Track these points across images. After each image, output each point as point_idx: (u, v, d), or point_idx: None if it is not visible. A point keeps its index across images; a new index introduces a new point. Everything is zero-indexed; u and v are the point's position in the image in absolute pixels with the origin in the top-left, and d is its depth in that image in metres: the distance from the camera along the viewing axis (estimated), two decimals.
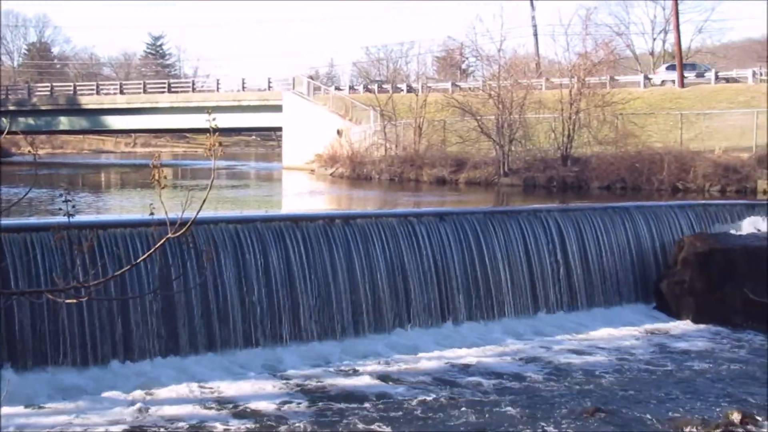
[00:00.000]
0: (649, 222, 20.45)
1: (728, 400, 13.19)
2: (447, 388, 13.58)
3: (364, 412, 12.29)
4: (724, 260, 18.75)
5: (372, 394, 13.16)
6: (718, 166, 29.87)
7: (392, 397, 13.04)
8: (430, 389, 13.46)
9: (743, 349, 16.60)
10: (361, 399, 12.90)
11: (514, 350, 15.89)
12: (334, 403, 12.65)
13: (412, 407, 12.58)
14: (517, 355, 15.57)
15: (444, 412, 12.37)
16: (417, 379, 13.94)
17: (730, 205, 22.74)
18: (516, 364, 15.07)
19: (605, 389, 13.72)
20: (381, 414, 12.25)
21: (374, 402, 12.78)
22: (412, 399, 12.95)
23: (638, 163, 31.48)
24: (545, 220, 18.96)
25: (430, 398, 13.00)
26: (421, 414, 12.28)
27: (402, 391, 13.33)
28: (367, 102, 50.33)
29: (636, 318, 18.56)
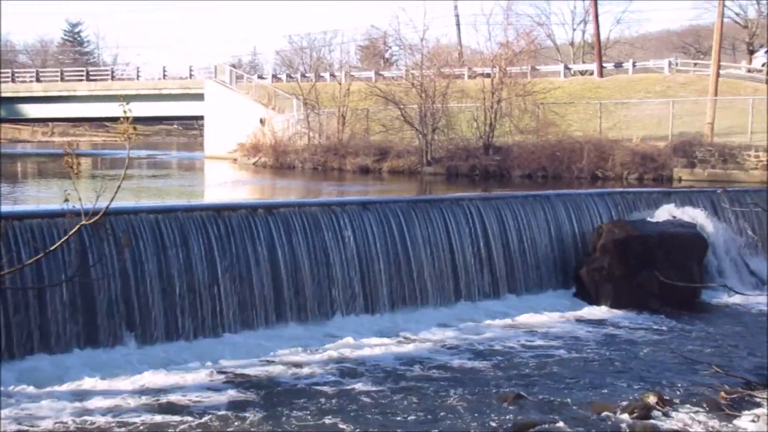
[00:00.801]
0: (569, 210, 20.76)
1: (645, 383, 13.48)
2: (366, 377, 13.60)
3: (284, 401, 12.26)
4: (641, 247, 19.14)
5: (292, 384, 13.14)
6: (636, 155, 30.44)
7: (312, 386, 13.02)
8: (351, 379, 13.48)
9: (659, 334, 16.98)
10: (283, 388, 12.86)
11: (436, 338, 16.00)
12: (255, 393, 12.59)
13: (330, 396, 12.58)
14: (439, 343, 15.68)
15: (363, 402, 12.40)
16: (338, 368, 13.95)
17: (647, 193, 23.21)
18: (438, 352, 15.17)
19: (526, 375, 13.91)
20: (297, 402, 12.22)
21: (295, 391, 12.75)
22: (332, 388, 12.96)
23: (559, 151, 31.91)
24: (467, 208, 19.11)
25: (350, 387, 13.02)
26: (339, 404, 12.28)
27: (322, 381, 13.32)
28: (291, 91, 50.06)
29: (556, 304, 18.82)
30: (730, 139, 30.03)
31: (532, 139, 34.19)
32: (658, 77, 48.47)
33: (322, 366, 14.05)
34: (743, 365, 14.53)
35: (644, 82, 47.03)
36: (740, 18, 64.63)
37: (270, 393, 12.67)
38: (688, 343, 16.20)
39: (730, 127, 32.38)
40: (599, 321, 17.86)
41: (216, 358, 14.08)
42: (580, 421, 11.73)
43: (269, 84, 58.54)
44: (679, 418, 11.92)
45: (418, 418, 11.72)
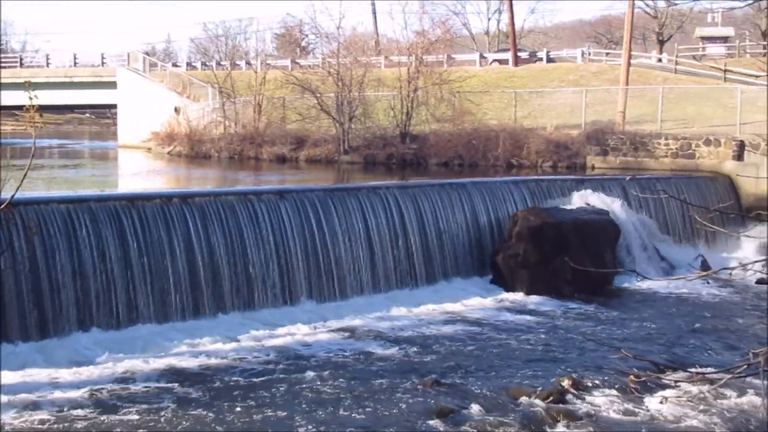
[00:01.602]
0: (485, 197, 20.97)
1: (560, 368, 13.70)
2: (289, 366, 13.57)
3: (206, 393, 12.14)
4: (555, 234, 19.44)
5: (213, 375, 13.02)
6: (550, 143, 30.84)
7: (234, 377, 12.93)
8: (271, 368, 13.42)
9: (573, 319, 17.29)
10: (203, 380, 12.73)
11: (354, 326, 16.02)
12: (175, 384, 12.44)
13: (251, 386, 12.50)
14: (357, 332, 15.70)
15: (283, 391, 12.36)
16: (259, 358, 13.87)
17: (561, 181, 23.58)
18: (356, 340, 15.20)
19: (443, 362, 14.02)
20: (218, 393, 12.12)
21: (217, 382, 12.64)
22: (254, 378, 12.89)
23: (475, 140, 32.16)
24: (385, 197, 19.16)
25: (271, 376, 12.96)
26: (260, 393, 12.21)
27: (243, 371, 13.24)
28: (206, 79, 49.43)
29: (473, 291, 19.01)
30: (641, 128, 30.63)
31: (449, 127, 34.37)
32: (571, 66, 49.20)
33: (243, 356, 13.95)
34: (653, 349, 14.88)
35: (558, 71, 47.70)
36: (650, 8, 66.03)
37: (191, 385, 12.52)
38: (600, 328, 16.53)
39: (641, 115, 33.06)
40: (515, 307, 18.10)
41: (130, 351, 13.85)
42: (497, 406, 11.88)
43: (184, 72, 57.73)
44: (593, 401, 12.17)
45: (337, 405, 11.73)
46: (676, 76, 43.36)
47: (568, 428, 11.17)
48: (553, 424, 11.32)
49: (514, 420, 11.39)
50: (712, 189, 25.32)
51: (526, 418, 11.46)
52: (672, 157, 28.18)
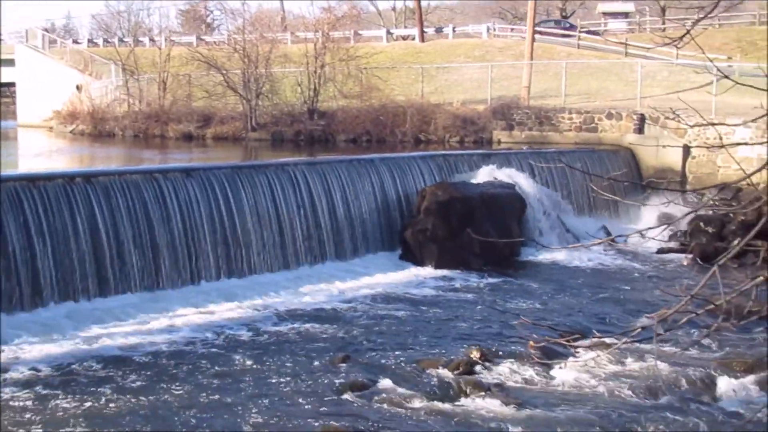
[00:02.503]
0: (393, 173, 21.08)
1: (468, 340, 13.92)
2: (197, 346, 13.47)
3: (117, 374, 11.98)
4: (463, 208, 19.67)
5: (124, 356, 12.85)
6: (457, 118, 31.11)
7: (145, 357, 12.78)
8: (181, 348, 13.30)
9: (481, 291, 17.55)
10: (114, 362, 12.54)
11: (264, 304, 15.98)
12: (80, 368, 12.24)
13: (163, 367, 12.38)
14: (268, 309, 15.67)
15: (194, 369, 12.27)
16: (169, 339, 13.73)
17: (468, 155, 23.84)
18: (267, 318, 15.16)
19: (354, 337, 14.10)
20: (129, 375, 11.98)
21: (127, 364, 12.48)
22: (163, 360, 12.76)
23: (382, 116, 32.24)
24: (293, 173, 19.09)
25: (182, 356, 12.86)
26: (171, 373, 12.11)
27: (153, 351, 13.09)
28: (108, 56, 48.37)
29: (383, 266, 19.12)
30: (545, 102, 31.10)
31: (357, 103, 34.38)
32: (477, 42, 49.59)
33: (151, 337, 13.79)
34: (557, 318, 15.22)
35: (464, 47, 48.04)
36: None
37: (101, 367, 12.33)
38: (508, 300, 16.82)
39: (545, 90, 33.56)
40: (424, 281, 18.27)
41: (33, 333, 13.56)
42: (408, 379, 12.01)
43: (85, 49, 56.35)
44: (500, 371, 12.40)
45: (248, 384, 11.70)
46: (579, 51, 44.08)
47: (477, 398, 11.36)
48: (462, 395, 11.50)
49: (424, 392, 11.53)
50: (614, 161, 25.90)
51: (436, 390, 11.61)
52: (576, 131, 28.71)
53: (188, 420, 10.46)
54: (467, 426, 10.61)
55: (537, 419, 10.71)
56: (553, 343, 6.77)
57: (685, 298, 3.68)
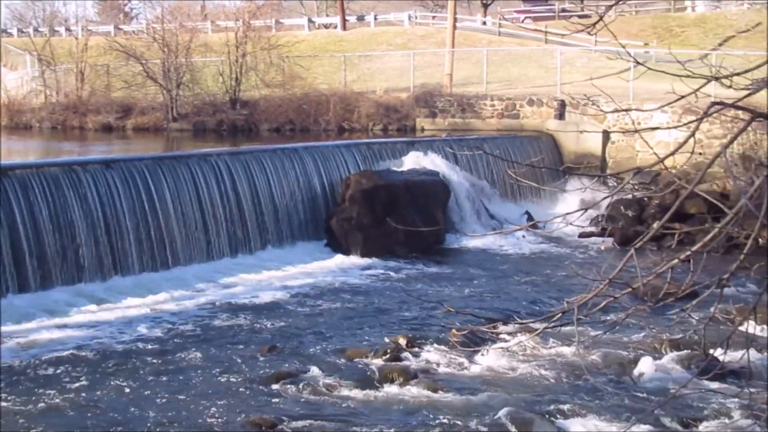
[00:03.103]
0: (317, 162, 21.02)
1: (395, 327, 14.00)
2: (120, 341, 13.29)
3: (39, 371, 11.75)
4: (387, 196, 19.73)
5: (43, 352, 12.60)
6: (380, 106, 31.13)
7: (66, 352, 12.56)
8: (104, 342, 13.11)
9: (406, 279, 17.66)
10: (34, 357, 12.30)
11: (189, 296, 15.82)
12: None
13: (83, 360, 12.19)
14: (193, 301, 15.52)
15: (117, 364, 12.11)
16: (90, 333, 13.52)
17: (392, 143, 23.90)
18: (192, 309, 15.02)
19: (280, 327, 14.06)
20: (49, 371, 11.76)
21: (47, 360, 12.24)
22: (85, 353, 12.55)
23: (305, 104, 32.10)
24: (216, 164, 18.91)
25: (104, 351, 12.66)
26: (93, 368, 11.93)
27: (75, 346, 12.87)
28: (23, 46, 47.20)
29: (309, 256, 19.07)
30: (468, 89, 31.28)
31: (279, 92, 34.14)
32: (399, 30, 49.66)
33: (70, 333, 13.55)
34: (481, 304, 15.38)
35: (386, 35, 48.08)
36: None
37: (24, 365, 12.08)
38: (433, 286, 16.94)
39: (467, 77, 33.76)
40: (350, 270, 18.29)
41: None
42: (335, 368, 12.03)
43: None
44: (427, 358, 12.49)
45: (174, 377, 11.59)
46: (500, 38, 44.44)
47: (404, 385, 11.43)
48: (389, 382, 11.55)
49: (351, 380, 11.56)
50: (536, 147, 26.21)
51: (363, 378, 11.65)
52: (498, 118, 28.96)
53: (112, 416, 10.31)
54: (394, 413, 10.67)
55: (463, 404, 10.82)
56: (476, 330, 6.84)
57: (604, 283, 3.75)
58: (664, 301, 4.21)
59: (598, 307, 3.98)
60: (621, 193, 23.61)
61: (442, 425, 10.21)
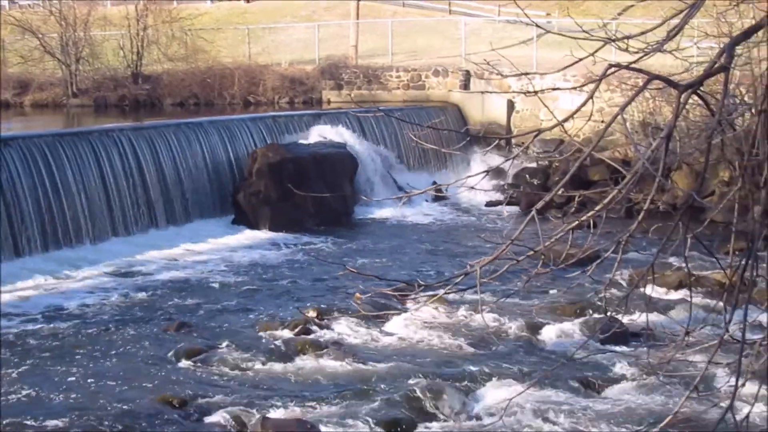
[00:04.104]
0: (223, 136, 20.75)
1: (306, 300, 14.00)
2: (23, 321, 12.98)
3: None
4: (294, 169, 19.61)
5: None
6: (286, 79, 30.88)
7: None
8: (6, 325, 12.77)
9: (316, 251, 17.66)
10: None
11: (93, 274, 15.52)
12: None
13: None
14: (99, 280, 15.24)
15: (24, 345, 11.83)
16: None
17: (298, 116, 23.75)
18: (98, 289, 14.76)
19: (189, 304, 13.92)
20: None
21: None
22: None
23: (209, 78, 31.62)
24: (119, 139, 18.51)
25: (7, 332, 12.36)
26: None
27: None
28: None
29: (216, 231, 18.85)
30: (373, 61, 31.23)
31: (182, 66, 33.51)
32: (302, 2, 49.21)
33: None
34: (388, 272, 15.45)
35: (290, 7, 47.59)
36: None
37: None
38: (342, 258, 16.92)
39: (372, 49, 33.69)
40: (259, 244, 18.17)
41: None
42: (245, 343, 11.97)
43: None
44: (337, 329, 12.51)
45: (81, 357, 11.38)
46: (405, 9, 44.44)
47: (315, 357, 11.44)
48: (300, 355, 11.56)
49: (262, 354, 11.52)
50: (443, 117, 26.32)
51: (274, 352, 11.62)
52: (404, 89, 29.03)
53: (15, 401, 10.07)
54: (306, 385, 10.68)
55: (374, 374, 10.89)
56: (379, 294, 6.88)
57: (505, 245, 3.79)
58: (565, 263, 4.28)
59: (501, 271, 4.03)
60: (526, 160, 24.04)
61: (354, 395, 10.26)
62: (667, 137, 3.72)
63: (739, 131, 5.28)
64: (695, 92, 4.08)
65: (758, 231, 3.98)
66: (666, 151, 3.76)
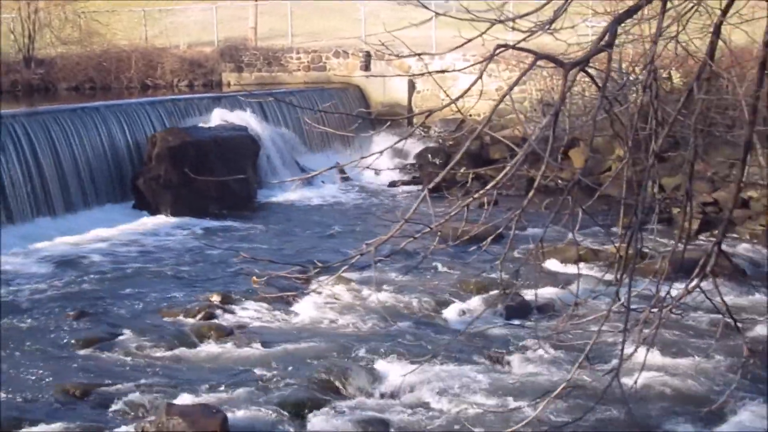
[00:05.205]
0: (121, 120, 20.36)
1: (210, 286, 13.89)
2: None
3: None
4: (196, 153, 19.38)
5: None
6: (185, 62, 30.43)
7: None
8: None
9: (219, 236, 17.52)
10: None
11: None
12: None
13: None
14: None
15: None
16: None
17: (198, 99, 23.45)
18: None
19: (90, 291, 13.67)
20: None
21: None
22: None
23: (105, 61, 30.96)
24: (11, 126, 17.97)
25: None
26: None
27: None
28: None
29: (116, 217, 18.49)
30: (274, 43, 31.01)
31: (77, 50, 32.75)
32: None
33: None
34: (290, 255, 15.42)
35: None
36: None
37: None
38: (245, 242, 16.86)
39: (273, 30, 33.42)
40: (161, 230, 17.92)
41: None
42: (148, 330, 11.83)
43: None
44: (242, 313, 12.48)
45: None
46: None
47: (220, 342, 11.39)
48: (204, 341, 11.49)
49: (165, 341, 11.41)
50: (344, 99, 26.34)
51: (177, 338, 11.52)
52: (305, 71, 28.93)
53: None
54: (211, 371, 10.63)
55: (279, 357, 10.89)
56: (281, 276, 6.90)
57: (400, 223, 3.85)
58: (461, 239, 4.36)
59: (398, 249, 4.08)
60: (429, 141, 24.26)
61: (260, 378, 10.25)
62: (555, 114, 3.82)
63: (628, 106, 5.43)
64: (583, 70, 4.19)
65: (643, 204, 4.13)
66: (554, 127, 3.86)
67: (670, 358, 10.64)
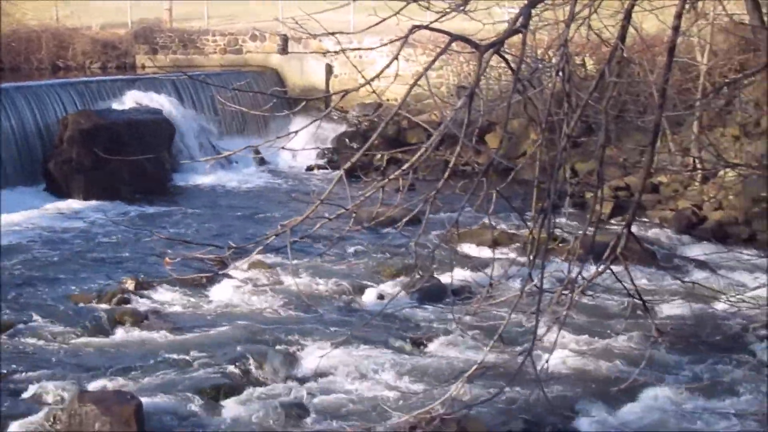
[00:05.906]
0: (30, 103, 19.86)
1: (124, 270, 13.67)
2: None
3: None
4: (109, 136, 19.00)
5: None
6: (97, 43, 29.78)
7: None
8: None
9: (133, 219, 17.25)
10: None
11: None
12: None
13: None
14: None
15: None
16: None
17: (111, 81, 23.01)
18: None
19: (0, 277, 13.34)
20: None
21: None
22: None
23: (14, 42, 30.16)
24: None
25: None
26: None
27: None
28: None
29: (26, 202, 18.00)
30: (190, 25, 30.56)
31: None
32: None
33: None
34: (205, 237, 15.24)
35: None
36: None
37: None
38: (160, 226, 16.59)
39: (189, 12, 32.91)
40: (73, 215, 17.54)
41: None
42: (60, 316, 11.62)
43: None
44: (157, 298, 12.33)
45: None
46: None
47: (134, 328, 11.24)
48: (118, 326, 11.32)
49: (78, 327, 11.23)
50: (261, 82, 26.11)
51: (90, 324, 11.33)
52: (221, 54, 28.60)
53: None
54: (125, 356, 10.48)
55: (197, 342, 10.80)
56: (196, 258, 6.83)
57: (315, 204, 3.84)
58: (376, 221, 4.37)
59: (313, 230, 4.07)
60: (346, 125, 24.24)
61: (176, 364, 10.16)
62: (470, 95, 3.85)
63: (542, 89, 5.50)
64: (497, 52, 4.23)
65: (555, 187, 4.19)
66: (470, 109, 3.88)
67: (583, 339, 10.86)
